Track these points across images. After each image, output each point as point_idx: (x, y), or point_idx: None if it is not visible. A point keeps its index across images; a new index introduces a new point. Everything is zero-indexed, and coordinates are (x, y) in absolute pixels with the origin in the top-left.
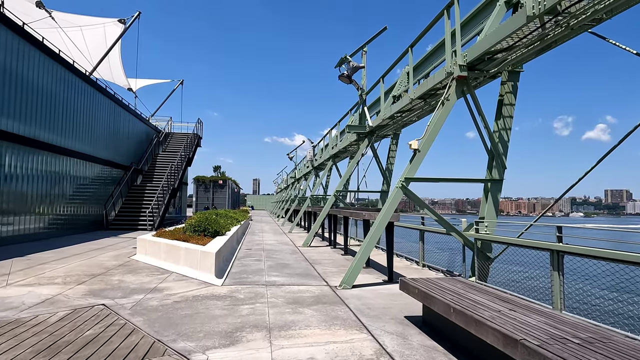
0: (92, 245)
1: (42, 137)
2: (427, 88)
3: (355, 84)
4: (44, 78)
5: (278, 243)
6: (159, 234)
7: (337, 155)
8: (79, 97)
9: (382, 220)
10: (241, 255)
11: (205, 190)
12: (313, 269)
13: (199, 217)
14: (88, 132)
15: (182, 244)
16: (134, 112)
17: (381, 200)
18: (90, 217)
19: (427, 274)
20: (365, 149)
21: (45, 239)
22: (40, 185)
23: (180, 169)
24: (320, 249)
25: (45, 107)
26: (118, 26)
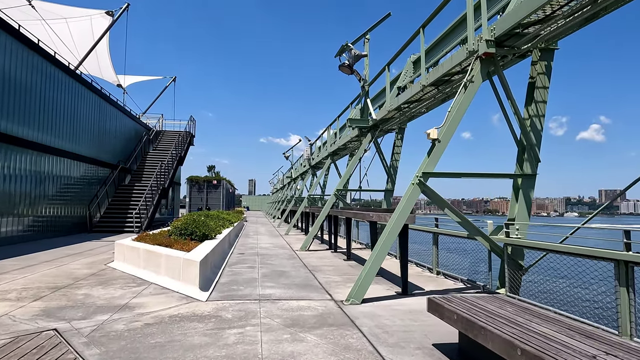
0: (68, 250)
1: (17, 132)
2: (444, 71)
3: (357, 75)
4: (19, 68)
5: (274, 246)
6: (140, 237)
7: (336, 152)
8: (61, 91)
9: (397, 222)
10: (233, 261)
11: (199, 191)
12: (314, 278)
13: (186, 219)
14: (71, 128)
15: (163, 250)
16: (122, 108)
17: (385, 200)
18: (73, 219)
19: (445, 284)
20: (368, 145)
21: (21, 243)
22: (17, 184)
23: (171, 168)
24: (319, 253)
25: (20, 100)
26: (106, 18)
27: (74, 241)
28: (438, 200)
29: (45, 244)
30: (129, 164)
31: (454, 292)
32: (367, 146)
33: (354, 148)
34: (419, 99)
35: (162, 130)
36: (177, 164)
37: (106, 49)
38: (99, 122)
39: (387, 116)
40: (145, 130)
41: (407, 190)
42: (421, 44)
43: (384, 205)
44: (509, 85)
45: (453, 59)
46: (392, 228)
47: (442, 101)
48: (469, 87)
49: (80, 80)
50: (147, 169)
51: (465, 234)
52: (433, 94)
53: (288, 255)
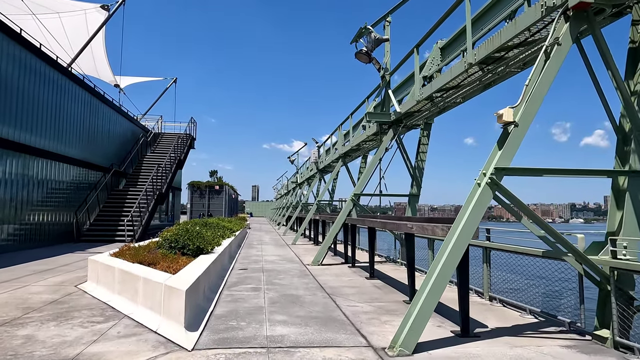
0: (39, 266)
1: None
2: (502, 42)
3: (376, 63)
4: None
5: (281, 259)
6: (120, 252)
7: (347, 154)
8: (45, 86)
9: (462, 237)
10: (233, 281)
11: (201, 197)
12: (336, 307)
13: (178, 228)
14: (56, 126)
15: (141, 272)
16: (117, 108)
17: (410, 207)
18: (58, 227)
19: (510, 318)
20: (390, 143)
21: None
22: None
23: (170, 172)
24: (335, 268)
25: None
26: (101, 13)
27: (54, 253)
28: (518, 205)
29: (20, 256)
30: (123, 168)
31: (529, 331)
32: (388, 144)
33: (368, 149)
34: (457, 85)
35: (161, 132)
36: (177, 168)
37: (102, 47)
38: (90, 121)
39: (415, 108)
40: (142, 132)
41: (472, 193)
42: (467, 13)
43: (408, 212)
44: (608, 48)
45: (517, 23)
46: (456, 245)
47: (485, 88)
48: (555, 52)
49: (69, 75)
50: (144, 173)
51: (539, 252)
52: (478, 77)
53: (298, 271)
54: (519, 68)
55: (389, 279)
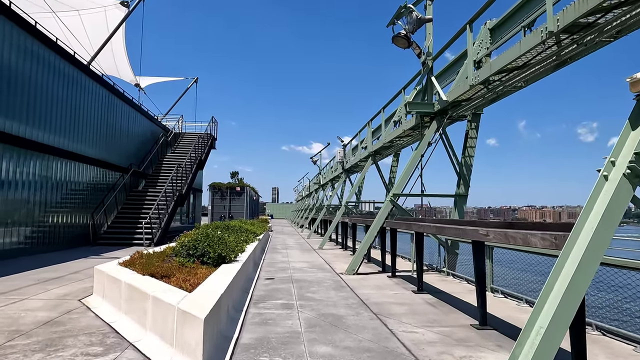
0: (46, 273)
1: (6, 128)
2: None
3: (416, 47)
4: (7, 50)
5: (310, 267)
6: (131, 260)
7: (378, 152)
8: (62, 81)
9: (592, 251)
10: (260, 295)
11: (222, 198)
12: (390, 334)
13: (197, 233)
14: (73, 124)
15: (149, 288)
16: (137, 106)
17: (457, 209)
18: (74, 229)
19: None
20: (433, 136)
21: (8, 259)
22: (8, 190)
23: (190, 172)
24: (373, 278)
25: (10, 90)
26: (121, 10)
27: (66, 258)
28: None
29: (31, 261)
30: (142, 168)
31: None
32: (431, 138)
33: (402, 145)
34: (524, 65)
35: (181, 132)
36: (197, 168)
37: (122, 46)
38: (108, 120)
39: (465, 95)
40: (162, 132)
41: (597, 190)
42: None
43: (454, 214)
44: None
45: None
46: (584, 263)
47: (557, 67)
48: None
49: (87, 71)
50: (164, 174)
51: None
52: (553, 52)
53: (332, 282)
54: (611, 37)
55: (441, 293)
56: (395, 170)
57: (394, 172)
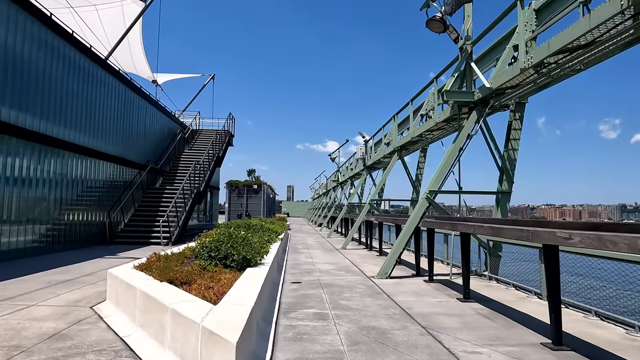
0: (59, 275)
1: (18, 121)
2: None
3: (453, 31)
4: (20, 41)
5: (337, 269)
6: (148, 263)
7: (405, 146)
8: (78, 75)
9: None
10: (288, 302)
11: (239, 196)
12: (448, 354)
13: (219, 233)
14: (89, 119)
15: (168, 297)
16: (154, 101)
17: (500, 207)
18: (90, 227)
19: None
20: (473, 128)
21: (24, 258)
22: (18, 187)
23: (207, 169)
24: (409, 283)
25: (23, 80)
26: (138, 5)
27: (81, 257)
28: None
29: (45, 261)
30: (160, 165)
31: None
32: (471, 130)
33: (431, 140)
34: (589, 43)
35: (198, 128)
36: (215, 165)
37: (140, 42)
38: (125, 115)
39: (513, 82)
40: (180, 128)
41: None
42: None
43: (497, 213)
44: None
45: None
46: None
47: (629, 45)
48: None
49: (103, 64)
50: (181, 171)
51: None
52: (631, 25)
53: (365, 287)
54: None
55: (490, 301)
56: (422, 167)
57: (421, 168)
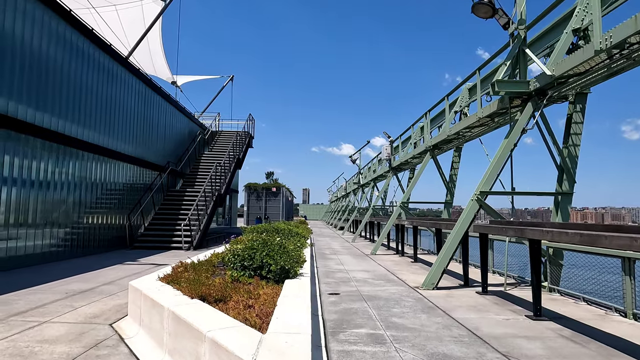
0: (77, 284)
1: (35, 120)
2: None
3: (503, 15)
4: (37, 36)
5: (374, 278)
6: (174, 274)
7: (438, 145)
8: (96, 72)
9: None
10: (333, 318)
11: (258, 199)
12: None
13: (251, 239)
14: (109, 120)
15: (203, 320)
16: (175, 102)
17: (560, 209)
18: (110, 231)
19: None
20: (528, 122)
21: (42, 264)
22: (35, 189)
23: (229, 171)
24: (460, 295)
25: (42, 78)
26: (158, 4)
27: (100, 264)
28: None
29: (63, 268)
30: (180, 167)
31: None
32: (526, 124)
33: (469, 137)
34: None
35: (218, 130)
36: (235, 167)
37: (159, 43)
38: (145, 115)
39: (582, 67)
40: (199, 129)
41: None
42: None
43: (557, 216)
44: None
45: None
46: None
47: None
48: None
49: (123, 62)
50: (202, 173)
51: None
52: None
53: (414, 299)
54: None
55: (566, 319)
56: (456, 167)
57: (455, 168)
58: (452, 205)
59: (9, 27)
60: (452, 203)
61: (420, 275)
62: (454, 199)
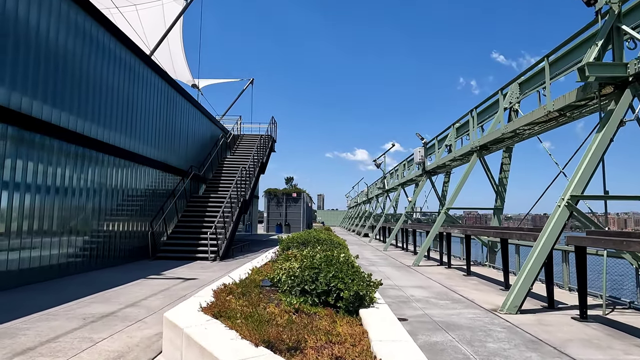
0: (95, 305)
1: (52, 118)
2: None
3: None
4: (54, 26)
5: (435, 297)
6: (221, 303)
7: (487, 146)
8: (117, 69)
9: None
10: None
11: (278, 205)
12: None
13: (304, 255)
14: (130, 120)
15: None
16: (198, 104)
17: None
18: (131, 241)
19: None
20: (625, 114)
21: (56, 279)
22: (52, 194)
23: (253, 176)
24: (556, 321)
25: (56, 72)
26: (179, 3)
27: (121, 279)
28: None
29: (79, 283)
30: (203, 171)
31: None
32: (624, 115)
33: (527, 136)
34: None
35: (240, 134)
36: (259, 172)
37: (180, 46)
38: (168, 117)
39: None
40: (222, 133)
41: None
42: None
43: None
44: None
45: None
46: None
47: None
48: None
49: (145, 59)
50: (225, 178)
51: None
52: None
53: (505, 330)
54: None
55: None
56: (507, 169)
57: (505, 170)
58: (502, 211)
59: (22, 14)
60: (502, 209)
61: (485, 292)
62: (504, 204)
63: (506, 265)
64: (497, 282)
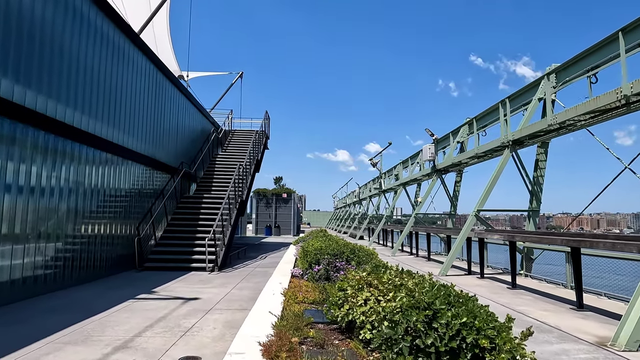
0: (68, 350)
1: (11, 96)
2: None
3: None
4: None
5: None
6: None
7: (520, 140)
8: (97, 43)
9: None
10: None
11: (267, 206)
12: None
13: (415, 287)
14: (110, 104)
15: None
16: (188, 93)
17: None
18: (114, 248)
19: None
20: None
21: (17, 302)
22: (10, 194)
23: (249, 174)
24: None
25: (20, 39)
26: None
27: (103, 301)
28: None
29: (57, 306)
30: (194, 169)
31: None
32: None
33: (574, 129)
34: None
35: (231, 129)
36: (254, 170)
37: (167, 34)
38: (155, 104)
39: None
40: (213, 127)
41: None
42: None
43: None
44: None
45: None
46: None
47: None
48: None
49: (127, 31)
50: (217, 176)
51: None
52: None
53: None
54: None
55: None
56: (543, 166)
57: (541, 168)
58: (538, 213)
59: None
60: (538, 211)
61: (558, 314)
62: (540, 205)
63: (579, 280)
64: (553, 296)
